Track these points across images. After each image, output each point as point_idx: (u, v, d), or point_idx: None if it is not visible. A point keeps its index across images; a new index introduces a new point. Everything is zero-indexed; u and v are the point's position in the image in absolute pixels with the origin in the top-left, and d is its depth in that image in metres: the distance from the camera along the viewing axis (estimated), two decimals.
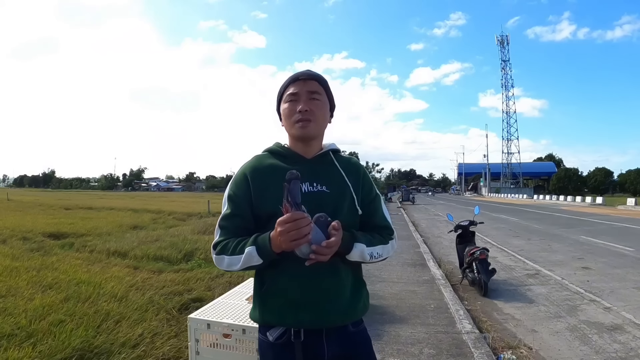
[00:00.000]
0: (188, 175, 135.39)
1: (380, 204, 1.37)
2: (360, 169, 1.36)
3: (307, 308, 1.20)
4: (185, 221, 14.19)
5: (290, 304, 1.20)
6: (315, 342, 1.21)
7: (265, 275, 1.24)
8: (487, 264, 5.31)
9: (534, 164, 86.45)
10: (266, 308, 1.24)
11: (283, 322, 1.21)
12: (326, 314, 1.21)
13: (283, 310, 1.21)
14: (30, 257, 6.49)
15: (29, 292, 4.19)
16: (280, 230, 1.06)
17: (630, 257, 7.77)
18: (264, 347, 1.26)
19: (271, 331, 1.22)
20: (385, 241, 1.31)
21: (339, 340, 1.24)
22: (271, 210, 1.18)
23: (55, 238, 9.34)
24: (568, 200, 38.88)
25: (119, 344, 3.01)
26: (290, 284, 1.20)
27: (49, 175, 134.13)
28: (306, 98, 1.25)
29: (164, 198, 39.16)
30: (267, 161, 1.29)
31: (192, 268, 6.19)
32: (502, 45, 71.18)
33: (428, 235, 11.72)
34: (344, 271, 1.25)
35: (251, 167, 1.28)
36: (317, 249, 1.09)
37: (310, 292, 1.20)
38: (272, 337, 1.21)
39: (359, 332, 1.30)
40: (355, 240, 1.22)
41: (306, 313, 1.20)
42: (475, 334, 3.64)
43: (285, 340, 1.20)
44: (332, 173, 1.29)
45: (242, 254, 1.16)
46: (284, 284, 1.21)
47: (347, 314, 1.25)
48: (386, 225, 1.35)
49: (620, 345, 3.56)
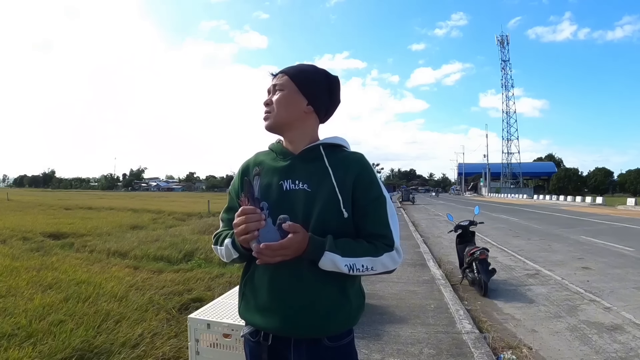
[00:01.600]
0: (188, 175, 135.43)
1: (381, 208, 1.18)
2: (355, 166, 1.19)
3: (272, 313, 1.16)
4: (185, 221, 14.19)
5: (258, 305, 1.20)
6: (283, 349, 1.18)
7: (246, 272, 1.27)
8: (487, 264, 5.31)
9: (534, 164, 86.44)
10: (241, 305, 1.27)
11: (252, 322, 1.23)
12: (292, 323, 1.14)
13: (252, 311, 1.22)
14: (30, 257, 6.49)
15: (29, 292, 4.19)
16: (234, 223, 1.08)
17: (630, 257, 7.77)
18: (244, 340, 1.30)
19: (245, 327, 1.26)
20: (377, 252, 1.13)
21: (309, 353, 1.15)
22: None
23: (55, 238, 9.34)
24: (568, 200, 38.88)
25: (119, 344, 3.01)
26: (259, 286, 1.20)
27: (49, 175, 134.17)
28: (272, 92, 1.25)
29: (164, 198, 39.16)
30: (260, 157, 1.30)
31: (192, 268, 6.19)
32: (502, 45, 71.24)
33: (428, 235, 11.72)
34: (315, 280, 1.13)
35: (246, 162, 1.32)
36: (259, 248, 1.03)
37: (275, 298, 1.16)
38: (244, 332, 1.26)
39: (337, 348, 1.17)
40: (325, 248, 1.08)
41: (271, 318, 1.16)
42: (475, 334, 3.64)
43: (258, 340, 1.22)
44: (317, 170, 1.18)
45: (223, 247, 1.23)
46: (254, 285, 1.22)
47: (319, 327, 1.14)
48: (384, 234, 1.15)
49: (620, 345, 3.56)
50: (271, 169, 1.23)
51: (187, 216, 15.82)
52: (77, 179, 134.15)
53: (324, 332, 1.15)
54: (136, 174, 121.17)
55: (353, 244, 1.13)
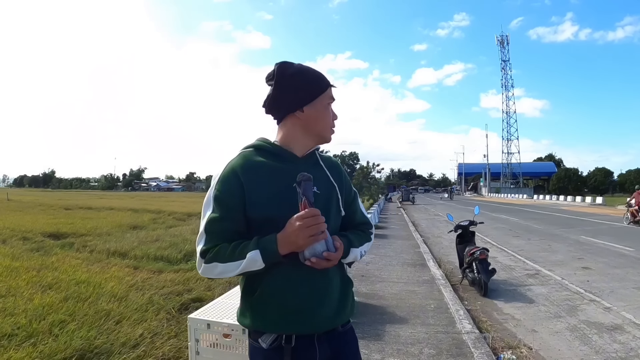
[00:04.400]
0: (188, 175, 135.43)
1: (358, 201, 1.41)
2: (341, 168, 1.36)
3: (301, 314, 1.18)
4: (185, 221, 14.19)
5: (285, 310, 1.18)
6: (307, 346, 1.20)
7: (255, 280, 1.19)
8: (487, 264, 5.31)
9: (534, 164, 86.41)
10: (258, 314, 1.20)
11: (277, 329, 1.18)
12: (320, 318, 1.21)
13: (277, 317, 1.18)
14: (30, 257, 6.49)
15: (29, 292, 4.19)
16: (300, 225, 1.07)
17: (630, 257, 7.77)
18: (254, 353, 1.23)
19: (263, 337, 1.19)
20: (368, 237, 1.36)
21: (329, 342, 1.23)
22: (268, 212, 1.16)
23: (55, 238, 9.34)
24: (568, 200, 38.88)
25: (119, 344, 3.01)
26: (285, 290, 1.17)
27: (49, 175, 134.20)
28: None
29: (164, 198, 39.15)
30: (257, 159, 1.22)
31: (192, 268, 6.18)
32: (502, 45, 71.25)
33: (428, 235, 11.72)
34: (333, 274, 1.24)
35: (242, 165, 1.19)
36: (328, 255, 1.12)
37: (304, 298, 1.18)
38: (266, 344, 1.18)
39: (347, 332, 1.30)
40: (352, 245, 1.25)
41: (300, 319, 1.18)
42: (475, 334, 3.64)
43: (276, 345, 1.18)
44: (319, 173, 1.25)
45: (242, 259, 1.11)
46: (279, 290, 1.17)
47: (338, 317, 1.25)
48: (367, 221, 1.40)
49: (620, 345, 3.56)
50: (275, 171, 1.20)
51: (187, 216, 15.81)
52: (77, 179, 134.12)
53: (341, 319, 1.27)
54: (136, 174, 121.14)
55: (357, 235, 1.31)
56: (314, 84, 1.23)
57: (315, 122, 1.24)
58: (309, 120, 1.23)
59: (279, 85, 1.21)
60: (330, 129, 1.28)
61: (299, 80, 1.21)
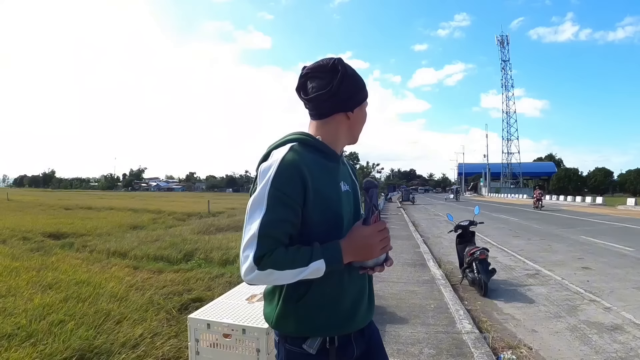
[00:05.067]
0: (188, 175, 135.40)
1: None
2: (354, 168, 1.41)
3: (350, 315, 1.20)
4: (185, 221, 14.19)
5: (335, 314, 1.17)
6: (346, 344, 1.21)
7: (301, 287, 1.12)
8: (487, 264, 5.31)
9: (534, 164, 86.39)
10: (305, 320, 1.15)
11: (324, 333, 1.16)
12: (360, 317, 1.24)
13: (326, 321, 1.16)
14: (30, 257, 6.49)
15: (29, 292, 4.20)
16: (380, 239, 1.11)
17: (630, 257, 7.77)
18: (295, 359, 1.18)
19: (309, 342, 1.15)
20: None
21: (362, 337, 1.26)
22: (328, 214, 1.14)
23: (55, 238, 9.35)
24: (568, 200, 38.85)
25: (119, 344, 3.01)
26: (337, 295, 1.17)
27: (49, 175, 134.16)
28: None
29: (164, 198, 39.16)
30: (309, 155, 1.14)
31: (192, 268, 6.20)
32: (502, 45, 71.17)
33: (428, 235, 11.72)
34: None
35: (303, 161, 1.10)
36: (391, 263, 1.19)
37: (352, 300, 1.21)
38: (313, 349, 1.14)
39: (371, 324, 1.34)
40: None
41: (347, 320, 1.20)
42: (475, 334, 3.64)
43: (321, 348, 1.16)
44: (347, 172, 1.30)
45: (304, 267, 1.04)
46: (330, 295, 1.15)
47: (370, 313, 1.30)
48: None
49: (620, 345, 3.56)
50: (326, 169, 1.18)
51: (187, 216, 15.81)
52: (77, 179, 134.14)
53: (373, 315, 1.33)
54: (136, 174, 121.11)
55: None
56: (365, 88, 1.26)
57: (358, 125, 1.28)
58: (355, 122, 1.25)
59: (343, 81, 1.15)
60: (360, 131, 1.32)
61: (358, 81, 1.22)
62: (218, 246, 7.95)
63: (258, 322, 1.85)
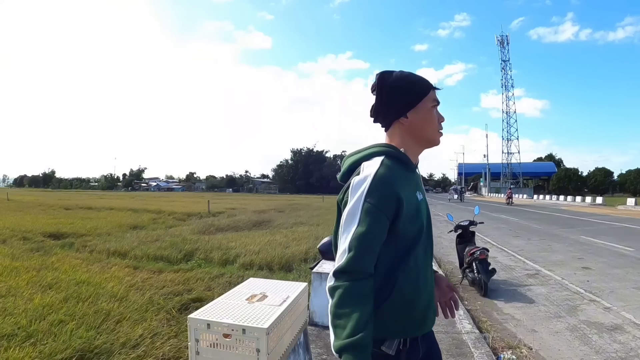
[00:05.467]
0: (188, 175, 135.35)
1: None
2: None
3: (423, 318, 1.23)
4: (185, 221, 14.19)
5: (413, 316, 1.20)
6: (415, 346, 1.23)
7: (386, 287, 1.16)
8: (487, 264, 5.32)
9: (534, 164, 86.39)
10: (387, 321, 1.16)
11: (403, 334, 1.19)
12: (430, 320, 1.28)
13: (404, 324, 1.19)
14: (30, 257, 6.49)
15: (29, 292, 4.19)
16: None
17: (630, 257, 7.77)
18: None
19: (387, 344, 1.17)
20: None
21: (424, 341, 1.27)
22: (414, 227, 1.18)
23: (55, 238, 9.35)
24: (568, 200, 38.86)
25: (119, 344, 3.01)
26: (414, 298, 1.19)
27: (49, 175, 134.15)
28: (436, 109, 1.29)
29: (164, 198, 39.16)
30: (397, 168, 1.18)
31: (192, 268, 6.20)
32: (502, 45, 71.17)
33: None
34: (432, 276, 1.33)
35: (394, 176, 1.14)
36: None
37: (426, 303, 1.23)
38: (392, 350, 1.17)
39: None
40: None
41: (422, 323, 1.23)
42: (475, 334, 3.65)
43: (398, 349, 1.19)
44: (420, 181, 1.30)
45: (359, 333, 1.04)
46: (409, 299, 1.18)
47: (434, 315, 1.32)
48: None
49: (620, 345, 3.56)
50: (408, 180, 1.21)
51: (187, 216, 15.81)
52: (77, 179, 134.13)
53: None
54: (136, 174, 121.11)
55: None
56: (415, 89, 1.24)
57: (420, 128, 1.25)
58: (414, 126, 1.24)
59: (381, 94, 1.23)
60: (436, 132, 1.27)
61: (400, 87, 1.23)
62: (218, 246, 7.95)
63: (258, 322, 1.85)
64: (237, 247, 7.77)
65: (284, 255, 6.95)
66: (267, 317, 1.86)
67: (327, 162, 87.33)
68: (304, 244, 8.00)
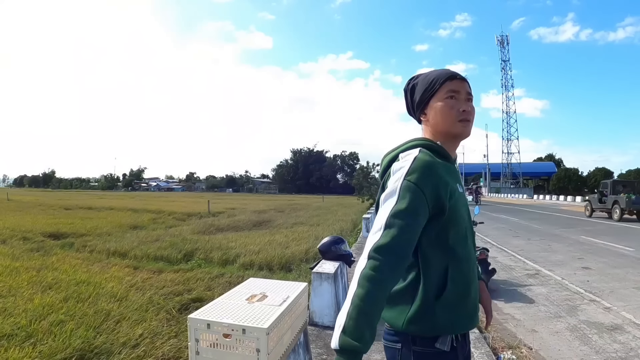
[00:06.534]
0: (188, 175, 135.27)
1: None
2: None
3: (473, 313, 1.22)
4: (185, 221, 14.20)
5: (466, 310, 1.19)
6: (462, 343, 1.22)
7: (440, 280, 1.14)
8: (487, 264, 5.31)
9: (534, 164, 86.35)
10: (442, 317, 1.13)
11: (456, 330, 1.17)
12: (477, 316, 1.26)
13: (456, 319, 1.16)
14: (30, 257, 6.50)
15: (29, 292, 4.20)
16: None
17: (630, 257, 7.77)
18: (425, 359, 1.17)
19: (441, 341, 1.14)
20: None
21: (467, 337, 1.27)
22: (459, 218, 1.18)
23: (55, 238, 9.35)
24: (568, 200, 38.86)
25: (119, 344, 3.01)
26: (467, 291, 1.18)
27: (49, 175, 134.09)
28: (464, 98, 1.22)
29: (164, 198, 39.16)
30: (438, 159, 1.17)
31: (192, 268, 6.20)
32: (502, 45, 71.16)
33: None
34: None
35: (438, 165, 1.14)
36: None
37: (474, 297, 1.22)
38: (446, 346, 1.14)
39: None
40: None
41: (472, 318, 1.22)
42: (475, 334, 3.64)
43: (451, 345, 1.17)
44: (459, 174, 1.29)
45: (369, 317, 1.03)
46: (462, 291, 1.16)
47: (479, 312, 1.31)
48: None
49: (620, 345, 3.56)
50: (448, 169, 1.19)
51: (187, 216, 15.82)
52: (77, 179, 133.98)
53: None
54: (136, 174, 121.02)
55: None
56: (428, 85, 1.23)
57: (438, 122, 1.23)
58: (433, 121, 1.24)
59: (406, 96, 1.31)
60: (454, 124, 1.21)
61: (417, 86, 1.27)
62: (218, 246, 7.95)
63: (258, 322, 1.85)
64: (237, 247, 7.77)
65: (284, 255, 6.95)
66: (267, 317, 1.86)
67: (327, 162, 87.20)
68: (304, 244, 8.00)
